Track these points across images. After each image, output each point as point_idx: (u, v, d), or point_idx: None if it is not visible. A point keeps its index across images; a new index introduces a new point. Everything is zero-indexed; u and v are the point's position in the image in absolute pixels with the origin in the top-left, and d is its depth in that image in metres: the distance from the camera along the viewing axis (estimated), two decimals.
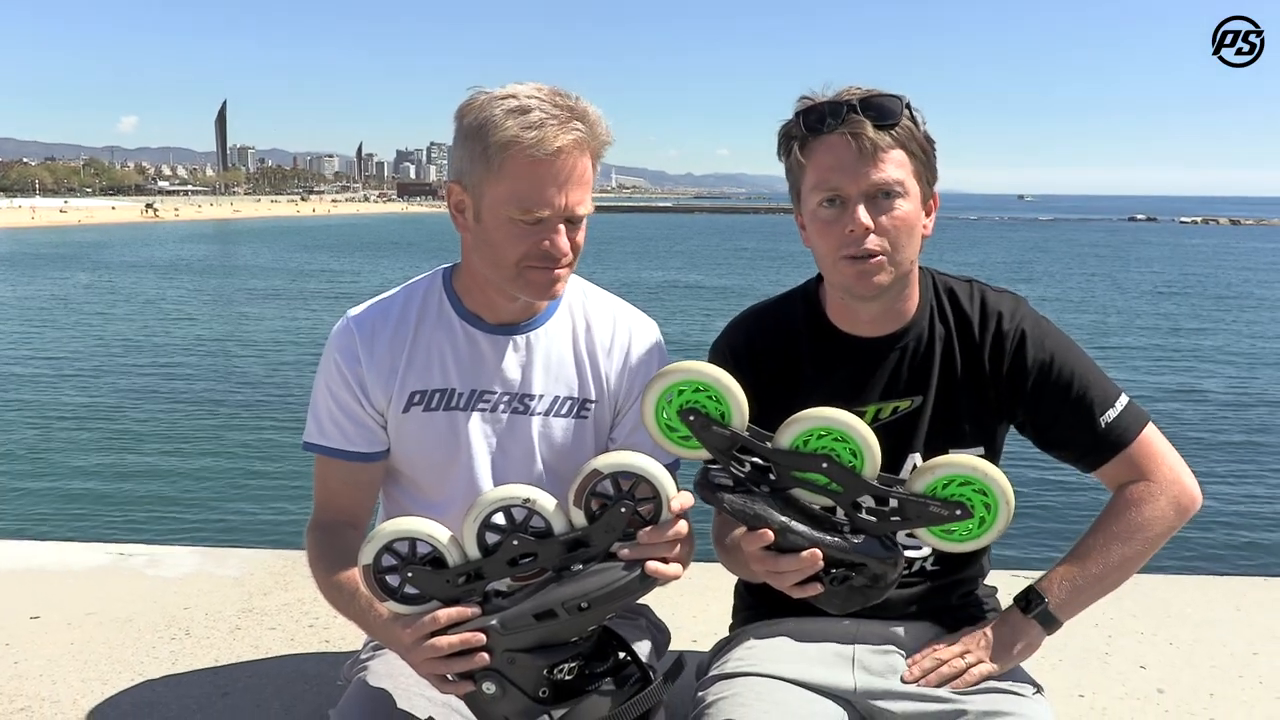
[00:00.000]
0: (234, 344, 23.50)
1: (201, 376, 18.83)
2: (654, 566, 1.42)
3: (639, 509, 1.44)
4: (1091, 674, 2.54)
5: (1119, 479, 1.71)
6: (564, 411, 1.80)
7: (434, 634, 1.43)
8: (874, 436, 1.46)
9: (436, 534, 1.46)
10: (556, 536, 1.45)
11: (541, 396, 1.79)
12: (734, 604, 2.00)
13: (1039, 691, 1.69)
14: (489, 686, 1.44)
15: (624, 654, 1.54)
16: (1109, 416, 1.68)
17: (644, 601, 1.88)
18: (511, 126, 1.56)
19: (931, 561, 1.78)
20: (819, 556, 1.45)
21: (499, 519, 1.45)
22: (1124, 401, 1.70)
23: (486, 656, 1.43)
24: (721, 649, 1.87)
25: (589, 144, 1.62)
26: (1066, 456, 1.74)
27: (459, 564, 1.46)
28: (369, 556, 1.47)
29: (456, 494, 1.75)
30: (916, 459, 1.72)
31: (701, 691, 1.74)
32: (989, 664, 1.67)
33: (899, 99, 1.61)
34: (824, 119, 1.61)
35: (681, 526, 1.45)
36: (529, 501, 1.44)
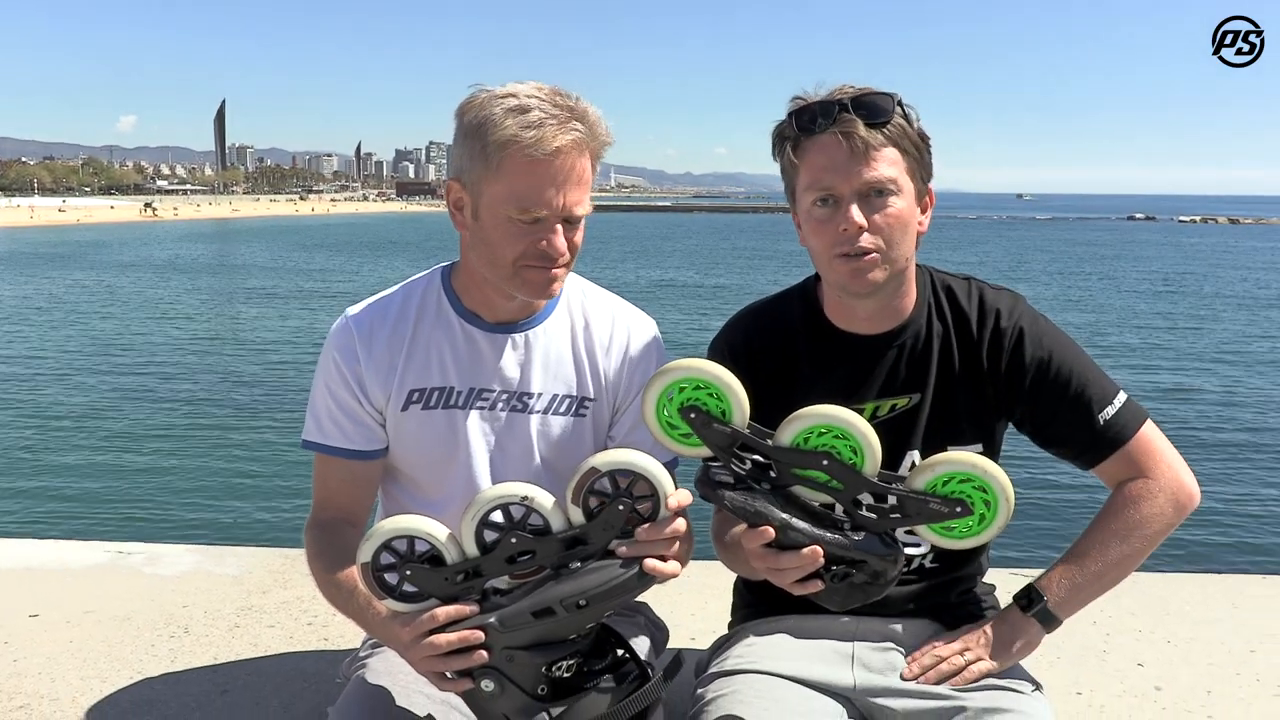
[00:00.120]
0: (233, 342, 23.49)
1: (200, 375, 18.81)
2: (652, 564, 1.42)
3: (637, 507, 1.44)
4: (1089, 672, 2.54)
5: (1117, 476, 1.71)
6: (562, 410, 1.80)
7: (432, 631, 1.43)
8: (874, 434, 1.46)
9: (435, 532, 1.46)
10: (555, 534, 1.45)
11: (540, 395, 1.79)
12: (733, 602, 2.01)
13: (1038, 689, 1.69)
14: (487, 684, 1.44)
15: (622, 651, 1.54)
16: (1107, 414, 1.69)
17: (642, 599, 1.88)
18: (511, 125, 1.56)
19: (930, 559, 1.79)
20: (820, 553, 1.45)
21: (497, 517, 1.45)
22: (1122, 399, 1.70)
23: (485, 654, 1.43)
24: (720, 646, 1.87)
25: (588, 144, 1.62)
26: (1065, 454, 1.74)
27: (457, 562, 1.46)
28: (367, 554, 1.47)
29: (455, 492, 1.75)
30: (915, 456, 1.72)
31: (700, 689, 1.74)
32: (988, 661, 1.67)
33: (891, 97, 1.61)
34: (816, 119, 1.61)
35: (679, 524, 1.45)
36: (527, 499, 1.44)
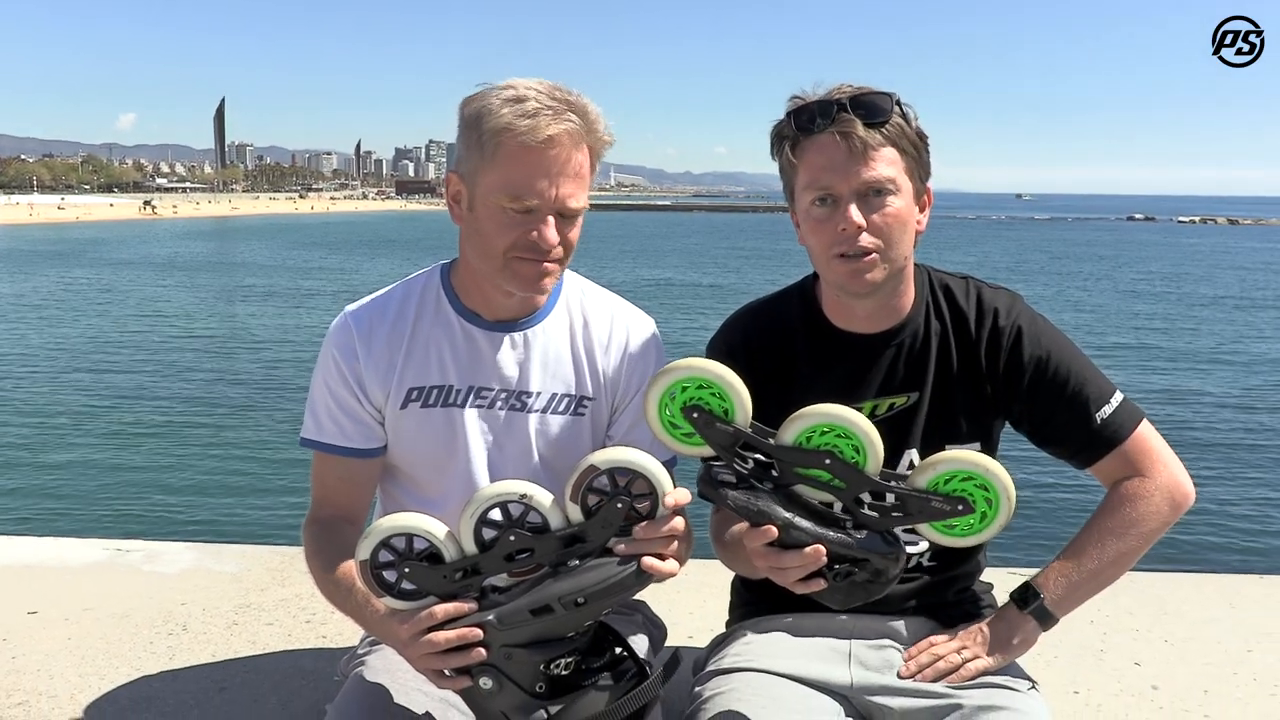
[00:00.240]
0: (232, 340, 23.48)
1: (199, 373, 18.80)
2: (650, 562, 1.42)
3: (636, 505, 1.44)
4: (1087, 671, 2.54)
5: (1113, 475, 1.72)
6: (561, 409, 1.80)
7: (431, 629, 1.43)
8: (877, 433, 1.46)
9: (433, 529, 1.46)
10: (553, 532, 1.45)
11: (539, 394, 1.79)
12: (731, 600, 2.01)
13: (1034, 687, 1.70)
14: (486, 681, 1.44)
15: (621, 649, 1.54)
16: (1104, 413, 1.69)
17: (641, 597, 1.88)
18: (506, 114, 1.58)
19: (928, 557, 1.79)
20: (822, 552, 1.45)
21: (496, 514, 1.46)
22: (1119, 398, 1.71)
23: (483, 651, 1.43)
24: (718, 645, 1.87)
25: (583, 137, 1.62)
26: (1061, 453, 1.75)
27: (456, 559, 1.46)
28: (366, 552, 1.47)
29: (453, 490, 1.75)
30: (913, 455, 1.73)
31: (698, 687, 1.75)
32: (985, 659, 1.67)
33: (889, 96, 1.61)
34: (814, 118, 1.61)
35: (678, 523, 1.45)
36: (526, 497, 1.45)
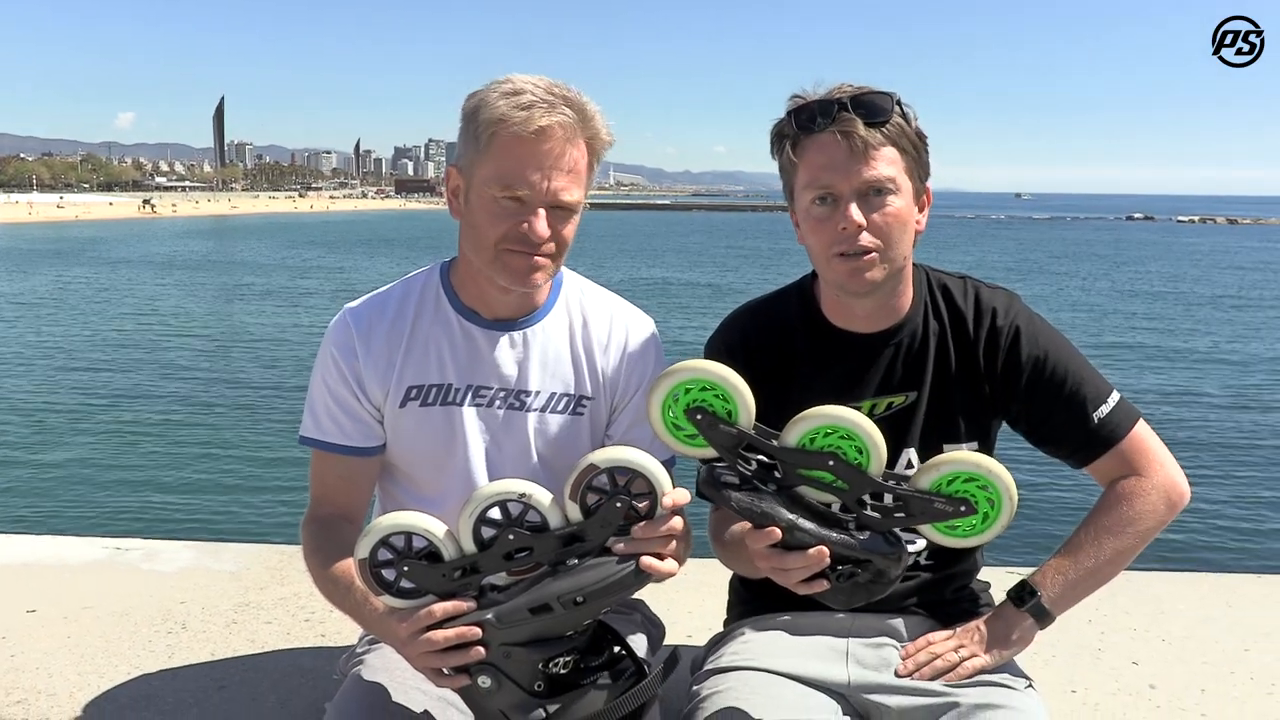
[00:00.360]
0: (231, 339, 23.46)
1: (198, 371, 18.79)
2: (648, 562, 1.43)
3: (635, 504, 1.45)
4: (1084, 670, 2.55)
5: (1110, 474, 1.72)
6: (560, 408, 1.80)
7: (430, 628, 1.44)
8: (880, 434, 1.47)
9: (432, 528, 1.47)
10: (552, 531, 1.45)
11: (538, 393, 1.79)
12: (729, 599, 2.01)
13: (1031, 685, 1.70)
14: (484, 680, 1.44)
15: (619, 648, 1.55)
16: (1101, 413, 1.70)
17: (639, 596, 1.88)
18: (502, 106, 1.60)
19: (926, 556, 1.79)
20: (826, 554, 1.45)
21: (495, 513, 1.46)
22: (1116, 398, 1.72)
23: (482, 650, 1.43)
24: (716, 643, 1.88)
25: (579, 132, 1.63)
26: (1058, 452, 1.75)
27: (455, 558, 1.46)
28: (365, 551, 1.47)
29: (452, 489, 1.75)
30: (911, 454, 1.73)
31: (696, 685, 1.75)
32: (983, 657, 1.68)
33: (889, 96, 1.62)
34: (815, 117, 1.62)
35: (676, 522, 1.45)
36: (525, 496, 1.45)
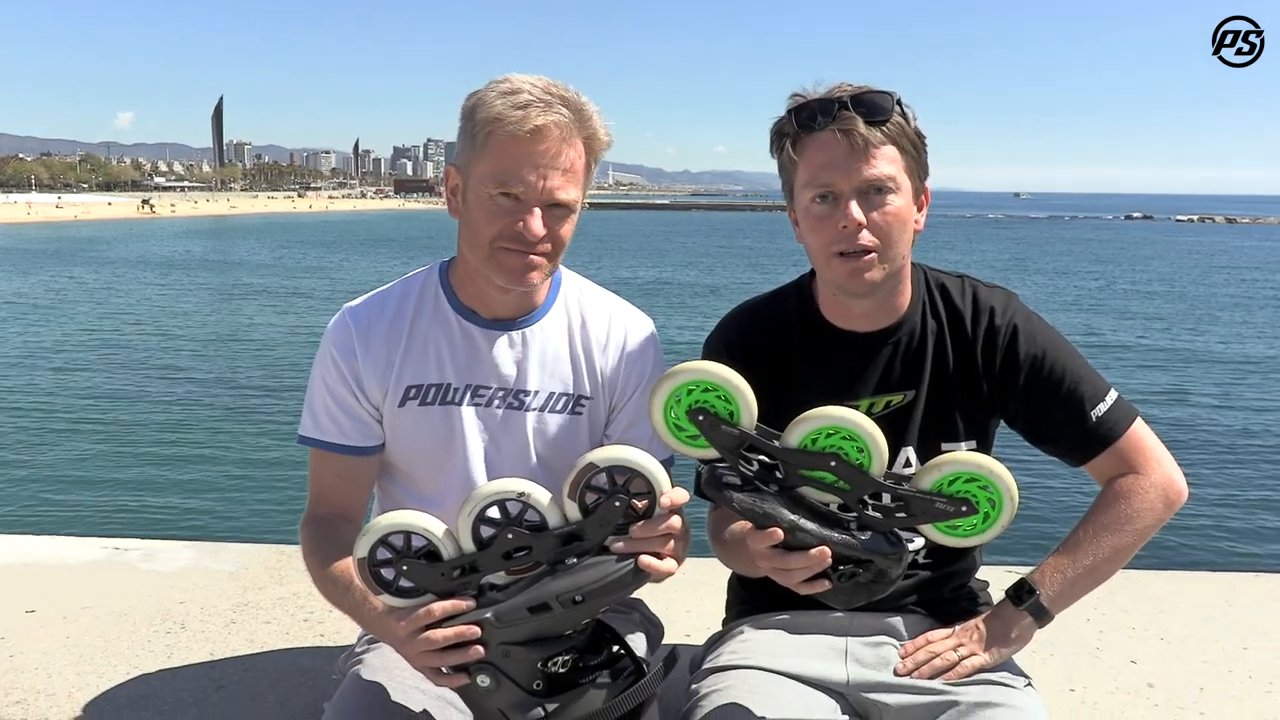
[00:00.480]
0: (230, 338, 23.45)
1: (197, 371, 18.78)
2: (647, 561, 1.43)
3: (634, 503, 1.45)
4: (1082, 668, 2.55)
5: (1108, 472, 1.73)
6: (559, 408, 1.80)
7: (429, 627, 1.44)
8: (881, 435, 1.47)
9: (431, 527, 1.47)
10: (551, 530, 1.45)
11: (537, 392, 1.79)
12: (727, 598, 2.01)
13: (1030, 684, 1.70)
14: (483, 679, 1.44)
15: (618, 647, 1.55)
16: (1099, 411, 1.70)
17: (638, 596, 1.88)
18: (498, 105, 1.60)
19: (924, 555, 1.79)
20: (827, 554, 1.45)
21: (494, 513, 1.46)
22: (1113, 396, 1.72)
23: (481, 649, 1.43)
24: (715, 642, 1.88)
25: (575, 131, 1.63)
26: (1056, 450, 1.75)
27: (454, 557, 1.46)
28: (364, 550, 1.47)
29: (451, 488, 1.75)
30: (910, 453, 1.74)
31: (695, 684, 1.75)
32: (981, 656, 1.68)
33: (890, 95, 1.62)
34: (815, 116, 1.62)
35: (675, 522, 1.45)
36: (524, 495, 1.45)
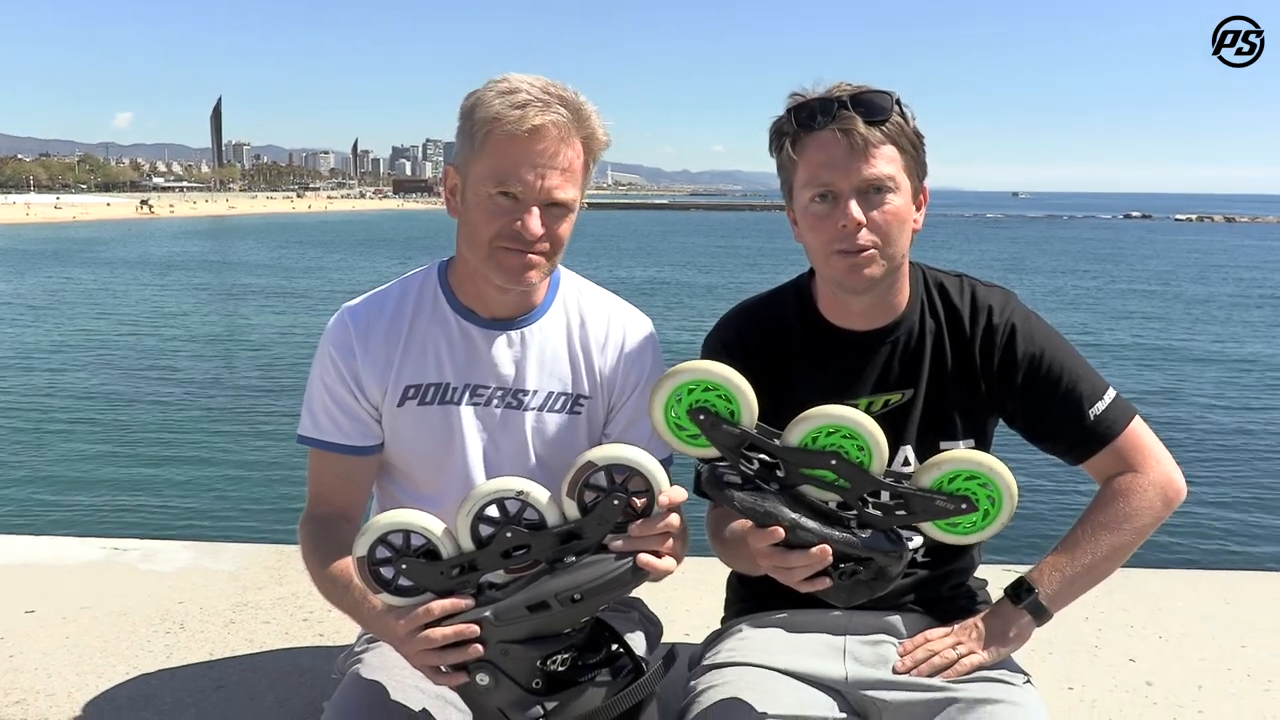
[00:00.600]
0: (229, 338, 23.46)
1: (196, 371, 18.78)
2: (646, 559, 1.43)
3: (632, 502, 1.45)
4: (1081, 667, 2.56)
5: (1106, 471, 1.73)
6: (557, 407, 1.81)
7: (428, 625, 1.44)
8: (882, 433, 1.47)
9: (430, 526, 1.47)
10: (549, 529, 1.45)
11: (535, 392, 1.80)
12: (726, 597, 2.02)
13: (1029, 681, 1.71)
14: (482, 678, 1.44)
15: (617, 646, 1.55)
16: (1097, 409, 1.70)
17: (637, 594, 1.88)
18: (497, 105, 1.61)
19: (923, 553, 1.80)
20: (828, 552, 1.45)
21: (492, 511, 1.46)
22: (1112, 395, 1.72)
23: (480, 648, 1.43)
24: (714, 640, 1.88)
25: (573, 131, 1.64)
26: (1055, 449, 1.76)
27: (453, 556, 1.46)
28: (363, 549, 1.47)
29: (450, 487, 1.75)
30: (909, 451, 1.74)
31: (693, 681, 1.75)
32: (980, 654, 1.68)
33: (889, 95, 1.62)
34: (815, 115, 1.62)
35: (673, 520, 1.45)
36: (522, 494, 1.45)
